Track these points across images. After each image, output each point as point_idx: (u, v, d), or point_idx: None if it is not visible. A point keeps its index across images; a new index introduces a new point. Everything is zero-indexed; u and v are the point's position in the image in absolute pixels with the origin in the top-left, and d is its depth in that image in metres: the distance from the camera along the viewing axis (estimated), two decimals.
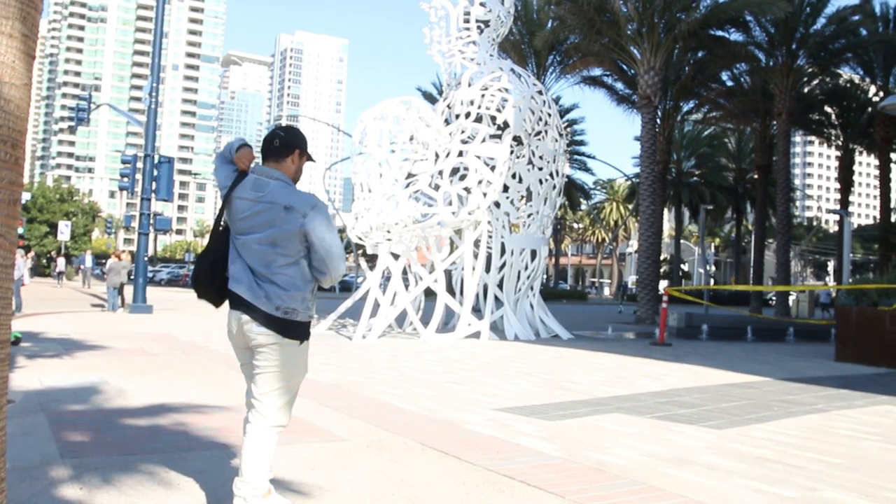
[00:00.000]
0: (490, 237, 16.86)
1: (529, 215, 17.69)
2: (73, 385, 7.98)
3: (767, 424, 7.12)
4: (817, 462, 5.66)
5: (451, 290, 17.87)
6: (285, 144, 3.64)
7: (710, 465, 5.43)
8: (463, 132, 16.38)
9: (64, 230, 43.76)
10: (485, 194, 15.69)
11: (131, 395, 7.52)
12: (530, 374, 10.52)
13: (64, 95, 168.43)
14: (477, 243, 16.68)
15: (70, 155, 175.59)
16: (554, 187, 17.87)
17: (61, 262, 45.27)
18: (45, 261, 51.86)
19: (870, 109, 37.43)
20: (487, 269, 17.11)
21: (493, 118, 17.01)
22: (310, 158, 3.80)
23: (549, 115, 17.51)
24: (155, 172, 21.91)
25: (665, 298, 17.77)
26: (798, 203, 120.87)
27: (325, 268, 3.52)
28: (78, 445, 5.32)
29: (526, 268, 17.43)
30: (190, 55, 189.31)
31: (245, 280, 3.53)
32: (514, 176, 17.12)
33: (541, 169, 17.51)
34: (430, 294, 17.71)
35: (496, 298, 17.21)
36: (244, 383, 3.71)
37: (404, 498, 4.35)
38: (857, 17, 31.19)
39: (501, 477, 4.87)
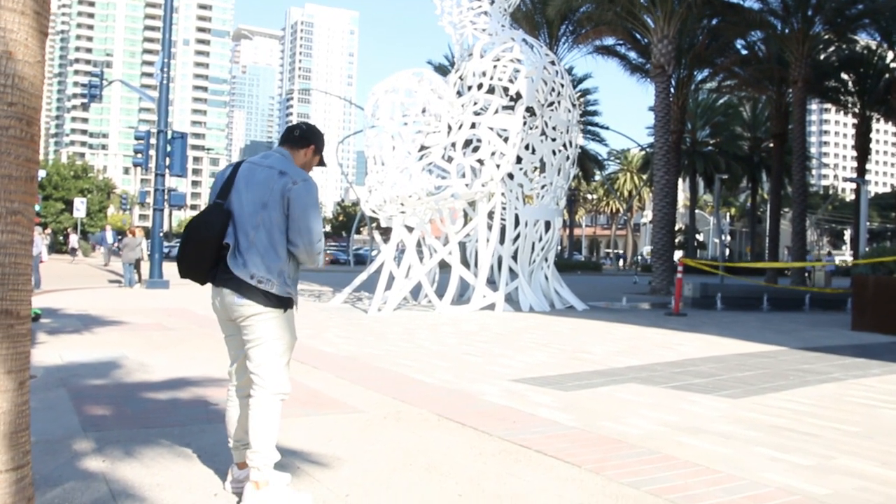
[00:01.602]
0: (504, 209, 16.85)
1: (543, 186, 17.64)
2: (93, 360, 8.07)
3: (783, 393, 7.13)
4: (833, 430, 5.66)
5: (465, 263, 17.89)
6: (304, 137, 3.87)
7: (725, 434, 5.45)
8: (475, 104, 16.31)
9: (80, 207, 43.98)
10: (498, 166, 15.65)
11: (151, 369, 7.60)
12: (545, 345, 10.55)
13: (76, 72, 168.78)
14: (491, 215, 16.68)
15: (83, 132, 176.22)
16: (567, 158, 17.79)
17: (73, 238, 45.67)
18: (61, 238, 52.18)
19: (887, 76, 36.99)
20: (501, 241, 17.12)
21: (506, 89, 16.91)
22: (322, 162, 4.00)
23: (562, 85, 17.39)
24: (168, 148, 21.95)
25: (680, 269, 17.72)
26: (814, 171, 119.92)
27: (299, 240, 3.58)
28: (99, 419, 5.40)
29: (540, 239, 17.42)
30: (200, 30, 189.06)
31: (232, 249, 3.61)
32: (527, 147, 17.05)
33: (554, 140, 17.42)
34: (444, 266, 17.75)
35: (510, 270, 17.23)
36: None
37: (422, 468, 4.40)
38: None
39: (518, 447, 4.91)
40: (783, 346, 11.16)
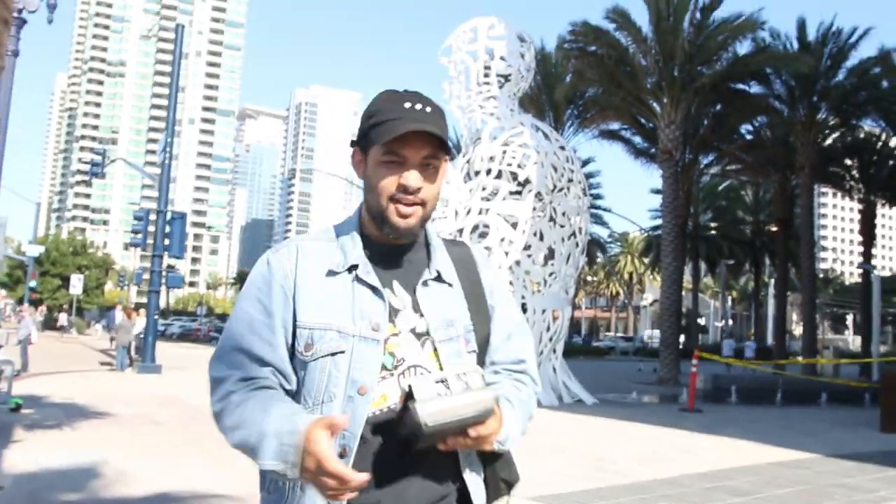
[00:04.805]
0: None
1: (551, 274, 17.07)
2: (69, 466, 7.38)
3: None
4: None
5: None
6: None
7: None
8: (483, 189, 15.90)
9: (76, 284, 43.33)
10: (507, 253, 15.14)
11: (132, 479, 6.90)
12: (560, 449, 9.82)
13: (82, 149, 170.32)
14: None
15: (86, 207, 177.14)
16: (577, 245, 17.29)
17: (63, 317, 45.16)
18: (56, 314, 51.44)
19: (891, 162, 36.92)
20: None
21: (514, 175, 16.52)
22: (389, 144, 1.64)
23: (572, 170, 17.02)
24: (167, 228, 21.52)
25: (695, 362, 17.00)
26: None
27: None
28: None
29: (548, 329, 16.77)
30: (206, 109, 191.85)
31: None
32: (535, 234, 16.56)
33: (562, 226, 16.94)
34: None
35: None
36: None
37: None
38: (878, 70, 30.81)
39: None
40: (814, 452, 10.42)
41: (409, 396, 1.50)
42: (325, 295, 1.65)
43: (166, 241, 21.55)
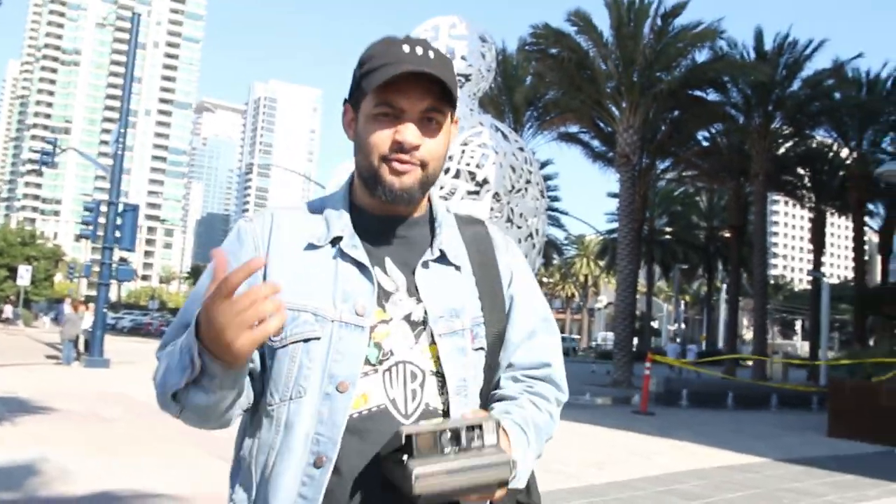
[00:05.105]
0: None
1: None
2: (8, 463, 7.13)
3: None
4: None
5: None
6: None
7: None
8: (441, 188, 15.80)
9: (24, 275, 42.30)
10: None
11: (74, 478, 6.69)
12: None
13: (33, 137, 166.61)
14: None
15: (36, 197, 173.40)
16: (534, 247, 17.27)
17: (8, 308, 44.32)
18: (1, 306, 50.26)
19: (842, 172, 37.67)
20: None
21: (473, 174, 16.45)
22: (382, 96, 1.39)
23: (531, 172, 17.00)
24: (119, 221, 21.10)
25: (648, 365, 17.13)
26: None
27: None
28: None
29: None
30: (163, 101, 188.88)
31: None
32: None
33: (520, 227, 16.91)
34: None
35: None
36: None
37: None
38: (831, 82, 31.42)
39: None
40: (764, 456, 10.53)
41: (405, 447, 1.20)
42: (302, 271, 1.40)
43: (117, 234, 21.14)
